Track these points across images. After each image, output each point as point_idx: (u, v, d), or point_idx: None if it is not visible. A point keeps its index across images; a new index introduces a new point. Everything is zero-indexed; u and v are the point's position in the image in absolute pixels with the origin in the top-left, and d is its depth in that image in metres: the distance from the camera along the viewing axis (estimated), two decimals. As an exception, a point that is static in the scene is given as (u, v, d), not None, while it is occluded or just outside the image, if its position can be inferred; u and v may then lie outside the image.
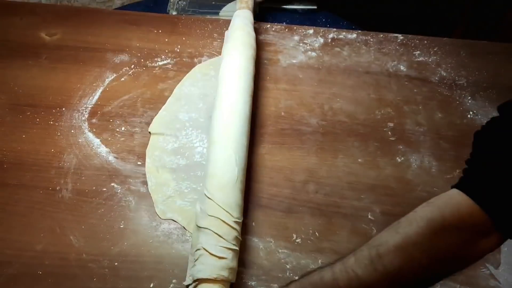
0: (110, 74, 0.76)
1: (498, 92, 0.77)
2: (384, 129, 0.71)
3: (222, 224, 0.53)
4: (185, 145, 0.67)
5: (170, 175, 0.64)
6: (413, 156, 0.69)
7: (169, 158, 0.66)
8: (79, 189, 0.63)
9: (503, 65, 0.81)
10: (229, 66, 0.70)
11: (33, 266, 0.56)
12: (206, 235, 0.53)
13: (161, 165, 0.65)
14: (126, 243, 0.58)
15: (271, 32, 0.84)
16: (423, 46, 0.83)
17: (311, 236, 0.59)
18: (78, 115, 0.70)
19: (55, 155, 0.66)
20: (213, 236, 0.52)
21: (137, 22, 0.83)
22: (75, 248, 0.58)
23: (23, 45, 0.79)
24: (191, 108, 0.71)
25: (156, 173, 0.64)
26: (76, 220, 0.60)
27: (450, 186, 0.44)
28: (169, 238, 0.59)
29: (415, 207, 0.42)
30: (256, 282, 0.55)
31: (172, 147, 0.67)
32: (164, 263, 0.57)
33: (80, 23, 0.83)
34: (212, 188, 0.56)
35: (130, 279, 0.56)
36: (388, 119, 0.73)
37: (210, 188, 0.56)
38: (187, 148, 0.67)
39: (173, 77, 0.76)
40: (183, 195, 0.62)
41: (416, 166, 0.68)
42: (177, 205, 0.62)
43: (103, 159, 0.66)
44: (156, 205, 0.62)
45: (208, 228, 0.53)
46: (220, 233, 0.53)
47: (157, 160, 0.66)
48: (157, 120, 0.70)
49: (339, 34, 0.85)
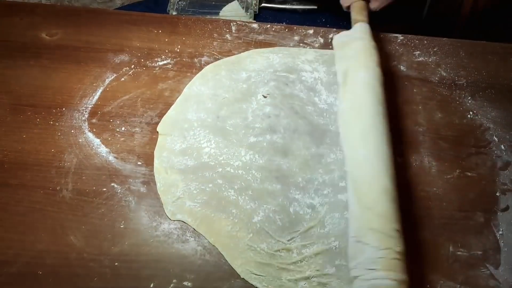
0: (110, 74, 0.76)
1: (497, 92, 0.78)
2: (384, 129, 0.71)
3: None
4: (192, 145, 0.67)
5: (178, 176, 0.64)
6: (413, 156, 0.69)
7: (177, 159, 0.66)
8: (79, 189, 0.63)
9: (503, 65, 0.82)
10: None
11: (34, 266, 0.56)
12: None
13: (169, 166, 0.65)
14: (126, 243, 0.59)
15: (271, 32, 0.84)
16: (423, 46, 0.83)
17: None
18: (79, 115, 0.71)
19: (55, 155, 0.66)
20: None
21: (137, 22, 0.84)
22: (76, 247, 0.58)
23: (24, 45, 0.79)
24: (199, 108, 0.71)
25: (165, 174, 0.64)
26: (77, 220, 0.60)
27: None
28: (169, 238, 0.60)
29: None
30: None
31: (180, 147, 0.67)
32: (164, 263, 0.57)
33: (81, 23, 0.83)
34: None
35: (131, 279, 0.56)
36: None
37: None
38: (195, 149, 0.67)
39: (173, 77, 0.76)
40: (192, 196, 0.63)
41: (416, 166, 0.68)
42: (187, 206, 0.62)
43: (103, 159, 0.66)
44: (165, 206, 0.62)
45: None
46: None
47: (165, 161, 0.66)
48: (166, 120, 0.70)
49: (339, 34, 0.85)
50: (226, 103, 0.72)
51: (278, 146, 0.68)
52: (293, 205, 0.62)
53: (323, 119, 0.71)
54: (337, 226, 0.61)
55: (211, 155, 0.66)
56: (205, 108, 0.71)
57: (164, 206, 0.62)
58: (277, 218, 0.61)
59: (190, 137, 0.68)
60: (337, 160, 0.66)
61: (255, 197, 0.63)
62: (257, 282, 0.56)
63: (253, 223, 0.61)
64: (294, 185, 0.64)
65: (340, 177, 0.65)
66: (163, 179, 0.64)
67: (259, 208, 0.62)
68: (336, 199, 0.63)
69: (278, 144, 0.68)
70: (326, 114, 0.71)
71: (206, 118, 0.70)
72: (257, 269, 0.57)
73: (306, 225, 0.61)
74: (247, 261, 0.58)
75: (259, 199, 0.63)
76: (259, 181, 0.64)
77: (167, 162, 0.66)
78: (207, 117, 0.70)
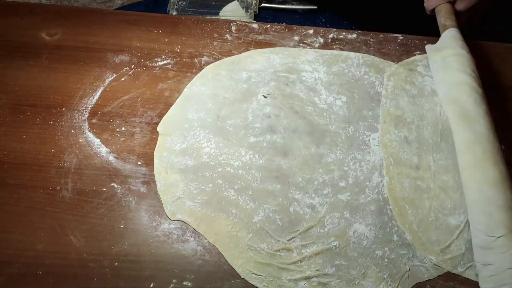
0: (110, 74, 0.76)
1: (498, 92, 0.78)
2: (384, 129, 0.71)
3: None
4: (192, 145, 0.67)
5: (178, 176, 0.64)
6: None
7: (177, 159, 0.66)
8: (79, 189, 0.63)
9: (503, 65, 0.82)
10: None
11: (33, 266, 0.56)
12: None
13: (169, 166, 0.65)
14: (126, 243, 0.59)
15: (271, 32, 0.84)
16: (423, 46, 0.83)
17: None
18: (78, 115, 0.71)
19: (55, 155, 0.66)
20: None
21: (137, 22, 0.84)
22: (76, 247, 0.58)
23: (23, 45, 0.79)
24: (200, 108, 0.71)
25: (165, 174, 0.64)
26: (77, 220, 0.60)
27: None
28: (169, 238, 0.60)
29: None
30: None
31: (180, 147, 0.67)
32: (164, 263, 0.57)
33: (80, 23, 0.83)
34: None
35: (130, 279, 0.56)
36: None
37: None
38: (195, 149, 0.67)
39: (173, 77, 0.76)
40: (192, 196, 0.63)
41: (416, 166, 0.68)
42: (187, 206, 0.62)
43: (103, 159, 0.66)
44: (165, 206, 0.62)
45: None
46: None
47: (165, 161, 0.66)
48: (166, 120, 0.70)
49: (339, 34, 0.85)
50: (226, 103, 0.72)
51: (278, 146, 0.68)
52: (293, 205, 0.62)
53: (323, 119, 0.71)
54: (337, 226, 0.61)
55: (211, 155, 0.66)
56: (205, 108, 0.71)
57: (164, 206, 0.62)
58: (277, 218, 0.61)
59: (190, 137, 0.68)
60: (337, 160, 0.66)
61: (255, 197, 0.63)
62: (257, 282, 0.56)
63: (253, 223, 0.61)
64: (294, 185, 0.64)
65: (340, 177, 0.65)
66: (163, 179, 0.64)
67: (259, 208, 0.62)
68: (336, 199, 0.63)
69: (278, 144, 0.68)
70: (326, 114, 0.71)
71: (206, 118, 0.70)
72: (257, 269, 0.57)
73: (306, 225, 0.61)
74: (247, 261, 0.58)
75: (259, 199, 0.63)
76: (259, 181, 0.64)
77: (167, 162, 0.66)
78: (207, 117, 0.70)
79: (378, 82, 0.75)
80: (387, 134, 0.69)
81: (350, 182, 0.65)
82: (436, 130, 0.69)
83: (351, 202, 0.63)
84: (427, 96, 0.73)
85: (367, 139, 0.69)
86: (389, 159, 0.66)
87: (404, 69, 0.76)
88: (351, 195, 0.64)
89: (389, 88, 0.74)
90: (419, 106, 0.72)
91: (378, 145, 0.68)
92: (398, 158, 0.66)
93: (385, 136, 0.69)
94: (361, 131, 0.70)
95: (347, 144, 0.68)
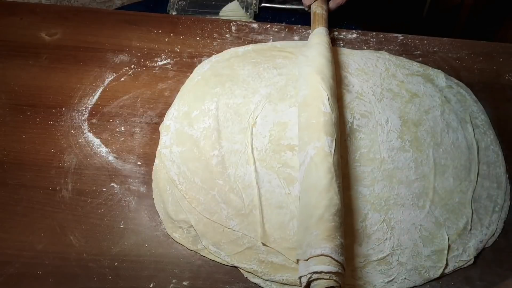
0: (110, 74, 0.76)
1: (498, 92, 0.78)
2: (384, 129, 0.71)
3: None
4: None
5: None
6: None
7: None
8: (79, 189, 0.63)
9: (503, 65, 0.82)
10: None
11: (33, 266, 0.56)
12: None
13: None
14: (126, 243, 0.58)
15: (271, 32, 0.84)
16: (423, 46, 0.83)
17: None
18: (78, 115, 0.71)
19: (55, 155, 0.66)
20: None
21: (137, 22, 0.84)
22: (75, 248, 0.58)
23: (23, 45, 0.79)
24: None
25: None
26: (76, 220, 0.60)
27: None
28: (169, 238, 0.59)
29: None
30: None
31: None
32: (164, 263, 0.57)
33: (80, 23, 0.83)
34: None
35: (130, 279, 0.56)
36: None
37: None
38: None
39: (173, 77, 0.76)
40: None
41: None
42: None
43: (103, 159, 0.66)
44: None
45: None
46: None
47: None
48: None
49: (339, 34, 0.85)
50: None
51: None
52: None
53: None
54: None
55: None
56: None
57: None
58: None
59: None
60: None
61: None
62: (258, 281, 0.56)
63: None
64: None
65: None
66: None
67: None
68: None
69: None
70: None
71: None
72: (258, 267, 0.57)
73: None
74: (247, 260, 0.58)
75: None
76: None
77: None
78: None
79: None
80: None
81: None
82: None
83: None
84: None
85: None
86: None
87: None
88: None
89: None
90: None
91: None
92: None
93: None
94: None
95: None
